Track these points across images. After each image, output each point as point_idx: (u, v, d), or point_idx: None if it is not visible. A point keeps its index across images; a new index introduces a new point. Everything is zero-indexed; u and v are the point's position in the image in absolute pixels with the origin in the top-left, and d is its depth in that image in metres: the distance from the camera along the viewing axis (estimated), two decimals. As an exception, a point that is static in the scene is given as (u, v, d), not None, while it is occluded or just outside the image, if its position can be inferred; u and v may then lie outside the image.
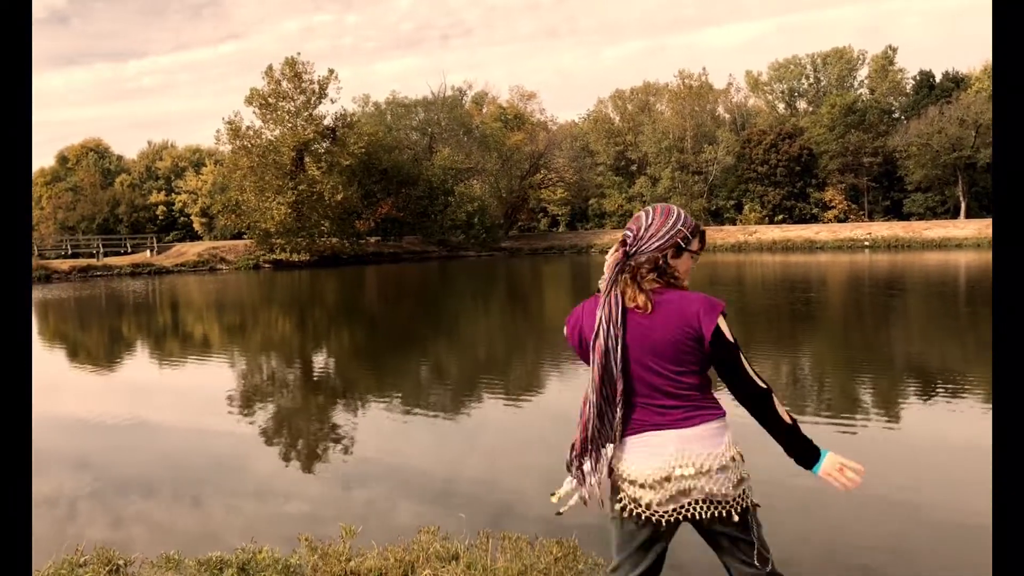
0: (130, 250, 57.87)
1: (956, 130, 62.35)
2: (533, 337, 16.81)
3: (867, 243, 55.42)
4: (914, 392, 9.59)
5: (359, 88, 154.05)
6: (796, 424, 2.61)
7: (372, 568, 4.15)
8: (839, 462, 2.58)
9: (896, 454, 6.97)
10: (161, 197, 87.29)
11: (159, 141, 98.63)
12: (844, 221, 67.66)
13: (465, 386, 11.17)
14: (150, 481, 6.76)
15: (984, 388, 9.42)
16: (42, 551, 4.54)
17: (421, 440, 8.09)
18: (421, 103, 73.38)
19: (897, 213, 70.79)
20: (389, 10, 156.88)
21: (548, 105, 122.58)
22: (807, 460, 2.60)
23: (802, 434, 2.61)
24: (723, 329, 2.53)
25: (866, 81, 76.84)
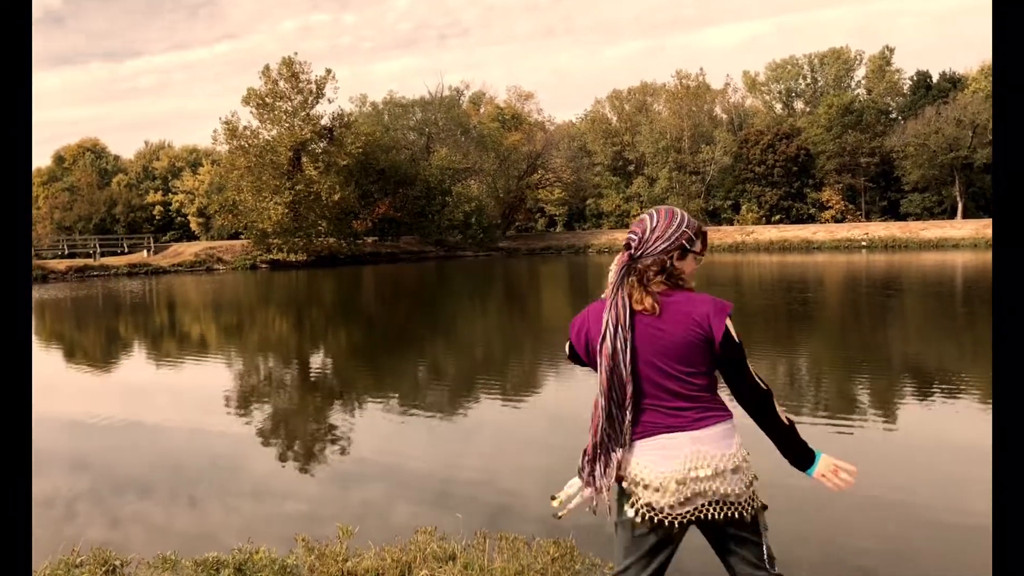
0: (127, 250, 57.83)
1: (953, 130, 62.43)
2: (530, 337, 16.81)
3: (864, 243, 55.48)
4: (911, 392, 9.60)
5: (356, 88, 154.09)
6: (793, 426, 2.64)
7: (369, 568, 4.15)
8: (833, 463, 2.61)
9: (894, 454, 6.98)
10: (158, 197, 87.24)
11: (156, 141, 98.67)
12: (841, 221, 67.74)
13: (462, 386, 11.16)
14: (147, 481, 6.75)
15: (981, 388, 9.43)
16: (39, 551, 4.52)
17: (418, 440, 8.09)
18: (418, 103, 73.39)
19: (894, 213, 70.86)
20: (387, 10, 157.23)
21: (546, 105, 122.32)
22: (803, 462, 2.62)
23: (799, 436, 2.64)
24: (731, 330, 2.54)
25: (863, 81, 76.91)
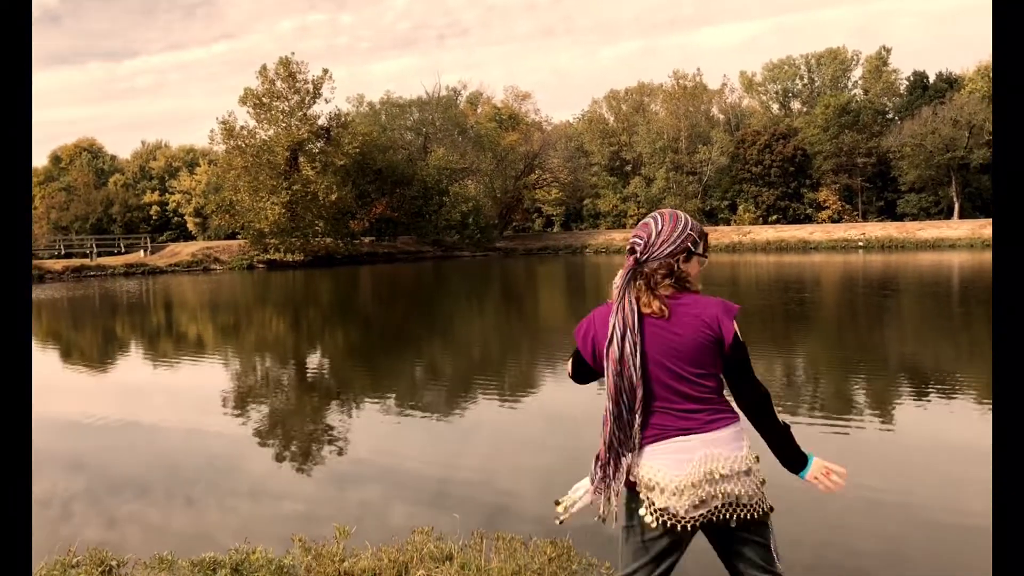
0: (124, 250, 57.73)
1: (950, 131, 62.52)
2: (527, 338, 16.81)
3: (861, 243, 55.55)
4: (908, 392, 9.61)
5: (354, 88, 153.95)
6: (789, 428, 2.65)
7: (366, 569, 4.14)
8: (824, 465, 2.63)
9: (890, 454, 6.98)
10: (155, 197, 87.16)
11: (153, 141, 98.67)
12: (838, 221, 67.81)
13: (459, 386, 11.15)
14: (144, 482, 6.73)
15: (977, 388, 9.45)
16: (35, 552, 4.50)
17: (415, 441, 8.08)
18: (416, 103, 73.36)
19: (891, 213, 70.94)
20: (385, 10, 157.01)
21: (545, 105, 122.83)
22: (796, 464, 2.63)
23: (793, 439, 2.65)
24: (738, 331, 2.55)
25: (860, 82, 77.02)
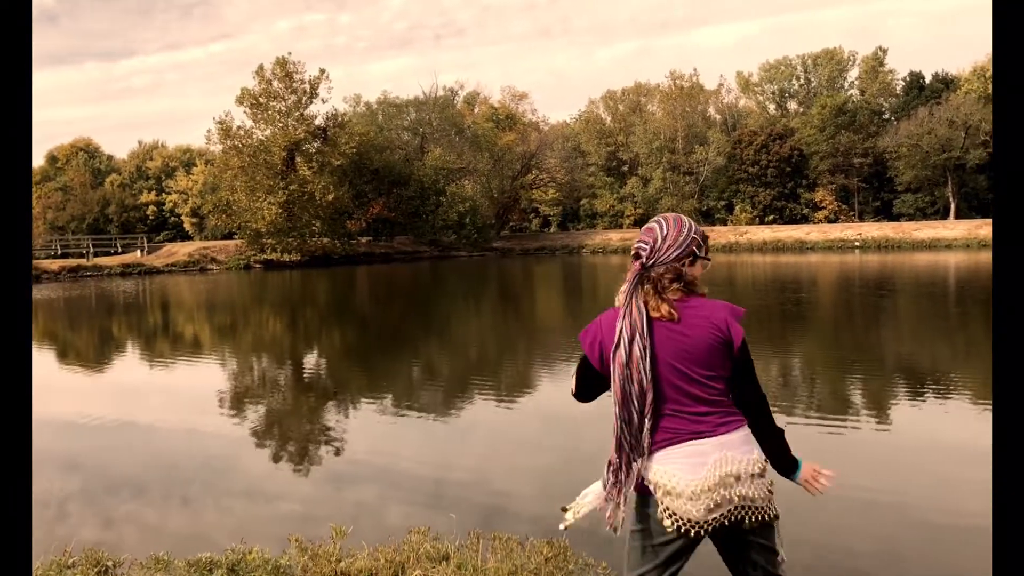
0: (120, 250, 57.63)
1: (946, 131, 62.61)
2: (524, 338, 16.81)
3: (857, 244, 55.63)
4: (904, 393, 9.62)
5: (351, 88, 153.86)
6: (783, 432, 2.68)
7: (362, 569, 4.14)
8: (813, 468, 2.67)
9: (886, 455, 6.96)
10: (151, 197, 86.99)
11: (149, 141, 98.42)
12: (834, 222, 67.86)
13: (456, 387, 11.15)
14: (140, 482, 6.72)
15: (974, 388, 9.46)
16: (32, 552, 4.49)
17: (412, 441, 8.07)
18: (412, 103, 73.29)
19: (887, 214, 71.03)
20: (381, 10, 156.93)
21: (541, 105, 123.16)
22: (789, 467, 2.66)
23: (786, 442, 2.68)
24: (744, 334, 2.57)
25: (856, 82, 77.09)
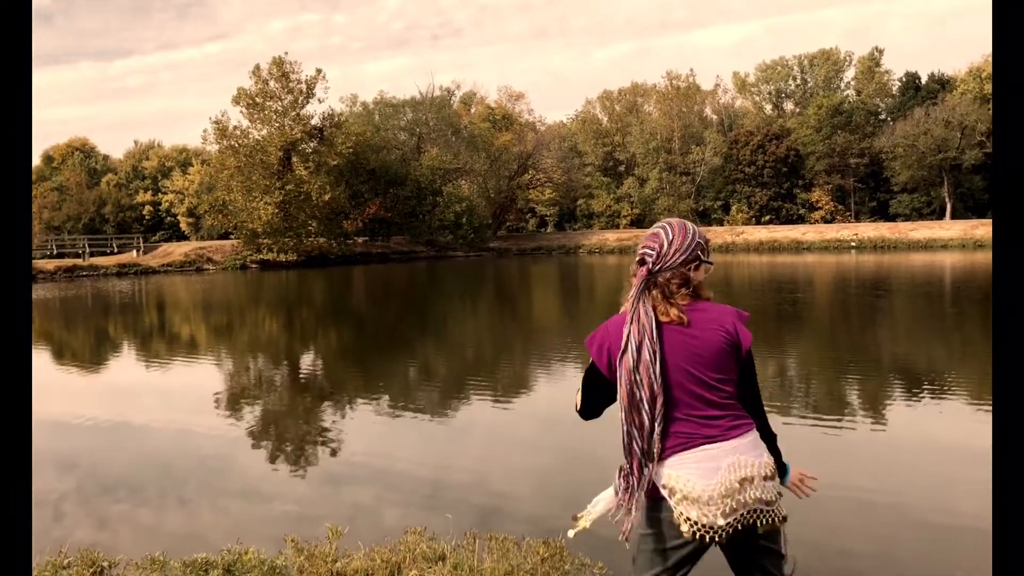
0: (116, 250, 57.53)
1: (942, 131, 62.77)
2: (521, 338, 16.80)
3: (853, 244, 55.69)
4: (901, 393, 9.62)
5: (347, 88, 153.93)
6: (776, 436, 2.71)
7: (358, 569, 4.13)
8: (800, 472, 2.72)
9: (883, 455, 6.96)
10: (148, 197, 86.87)
11: (145, 141, 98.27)
12: (831, 222, 67.98)
13: (452, 387, 11.14)
14: (136, 482, 6.70)
15: (970, 388, 9.48)
16: (25, 553, 4.48)
17: (408, 441, 8.06)
18: (409, 103, 73.23)
19: (883, 214, 71.17)
20: (378, 10, 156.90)
21: (538, 106, 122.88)
22: (780, 471, 2.68)
23: (778, 447, 2.71)
24: None
25: (852, 82, 77.27)
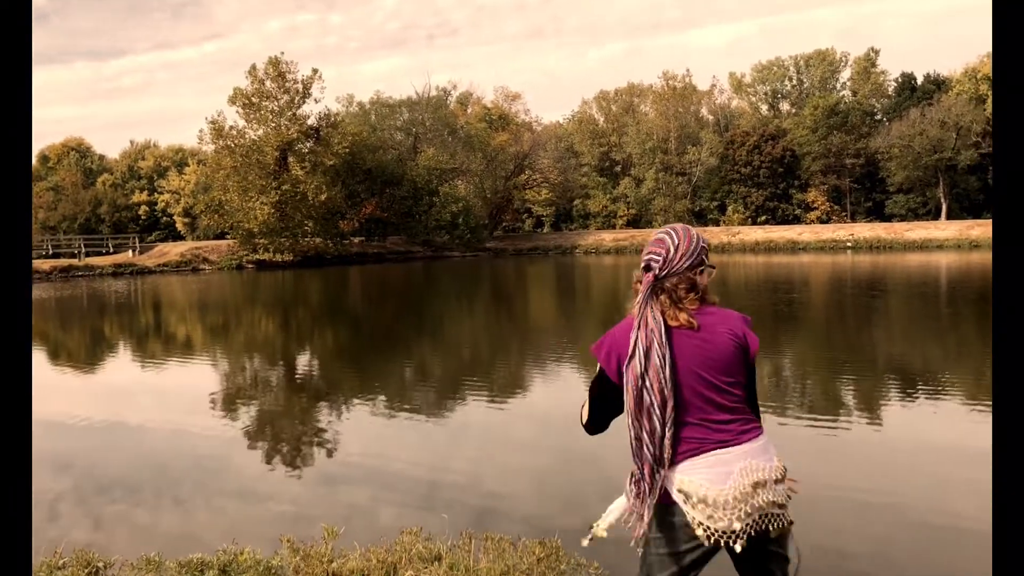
0: (112, 250, 57.41)
1: (937, 132, 62.89)
2: (517, 338, 16.81)
3: (849, 244, 55.76)
4: (897, 393, 9.62)
5: (343, 88, 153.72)
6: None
7: (354, 569, 4.13)
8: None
9: (879, 456, 6.97)
10: (143, 197, 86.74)
11: (141, 140, 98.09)
12: (826, 222, 68.05)
13: (449, 387, 11.14)
14: (131, 482, 6.69)
15: (966, 389, 9.50)
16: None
17: (404, 441, 8.06)
18: (405, 103, 73.21)
19: (879, 214, 71.27)
20: (374, 9, 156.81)
21: (533, 106, 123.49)
22: None
23: None
24: None
25: (848, 83, 77.38)
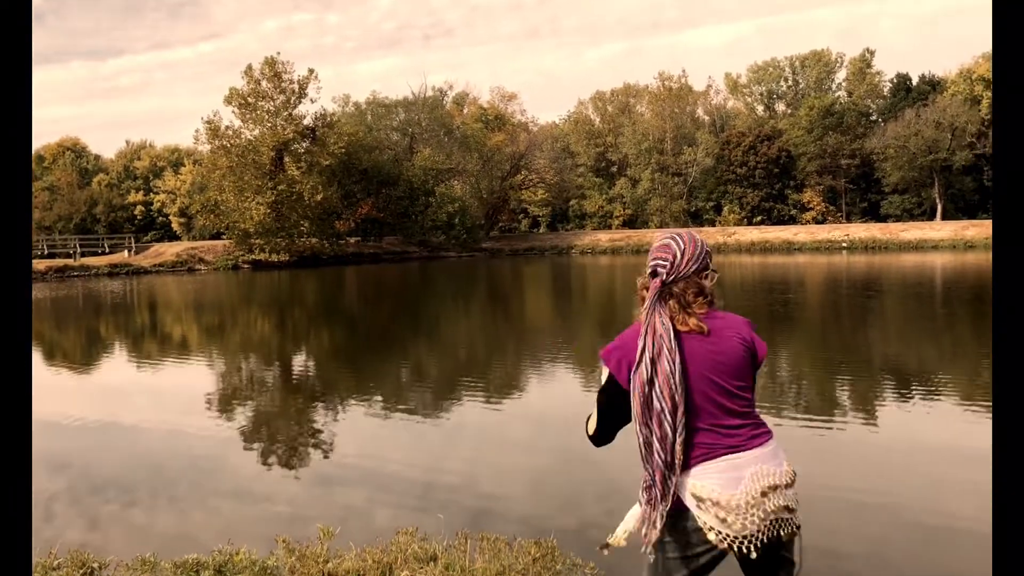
0: (108, 250, 57.30)
1: (932, 133, 63.00)
2: (513, 338, 16.81)
3: (844, 244, 55.85)
4: (893, 394, 9.64)
5: (339, 88, 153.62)
6: None
7: (350, 569, 4.13)
8: None
9: (875, 456, 6.98)
10: (139, 197, 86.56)
11: (137, 140, 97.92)
12: (822, 223, 68.14)
13: (445, 388, 11.13)
14: (126, 482, 6.68)
15: (961, 389, 9.52)
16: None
17: (400, 442, 8.06)
18: (402, 103, 73.15)
19: (874, 215, 71.39)
20: (370, 10, 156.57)
21: (530, 106, 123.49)
22: None
23: None
24: None
25: (844, 84, 77.50)
